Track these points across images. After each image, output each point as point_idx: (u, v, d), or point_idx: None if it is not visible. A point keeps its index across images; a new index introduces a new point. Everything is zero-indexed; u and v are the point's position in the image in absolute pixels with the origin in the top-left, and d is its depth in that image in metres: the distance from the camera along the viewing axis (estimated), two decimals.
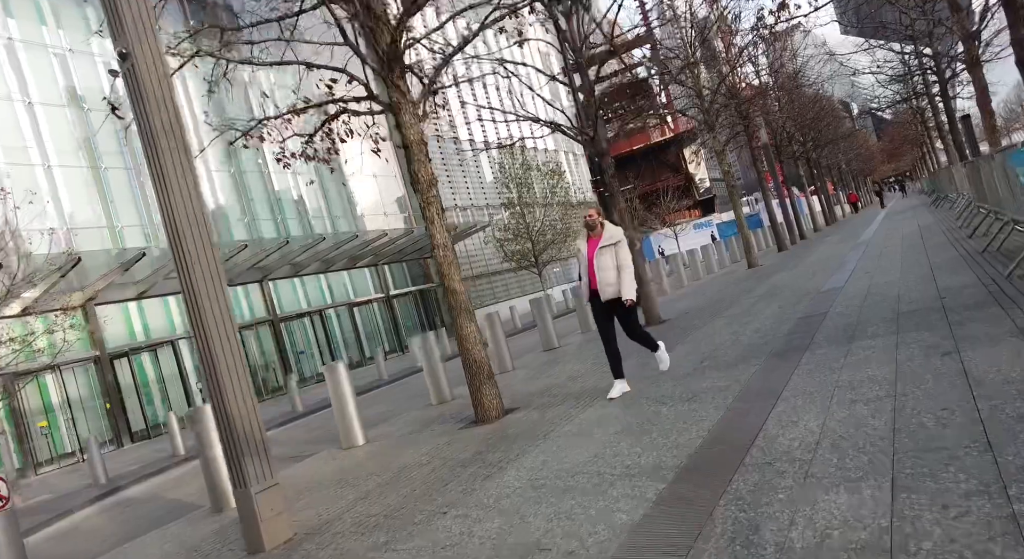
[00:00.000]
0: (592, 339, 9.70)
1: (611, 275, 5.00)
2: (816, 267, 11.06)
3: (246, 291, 22.95)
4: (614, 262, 5.01)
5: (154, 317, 19.95)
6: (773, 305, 7.80)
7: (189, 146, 3.73)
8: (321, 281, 25.89)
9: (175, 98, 3.66)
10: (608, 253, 5.04)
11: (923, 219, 15.44)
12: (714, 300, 10.38)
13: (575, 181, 45.77)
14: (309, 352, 24.47)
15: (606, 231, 5.16)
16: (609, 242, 5.06)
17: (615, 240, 5.07)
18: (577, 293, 5.93)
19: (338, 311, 26.25)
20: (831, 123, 31.51)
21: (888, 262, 8.85)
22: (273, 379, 22.46)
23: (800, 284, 9.20)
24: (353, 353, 26.25)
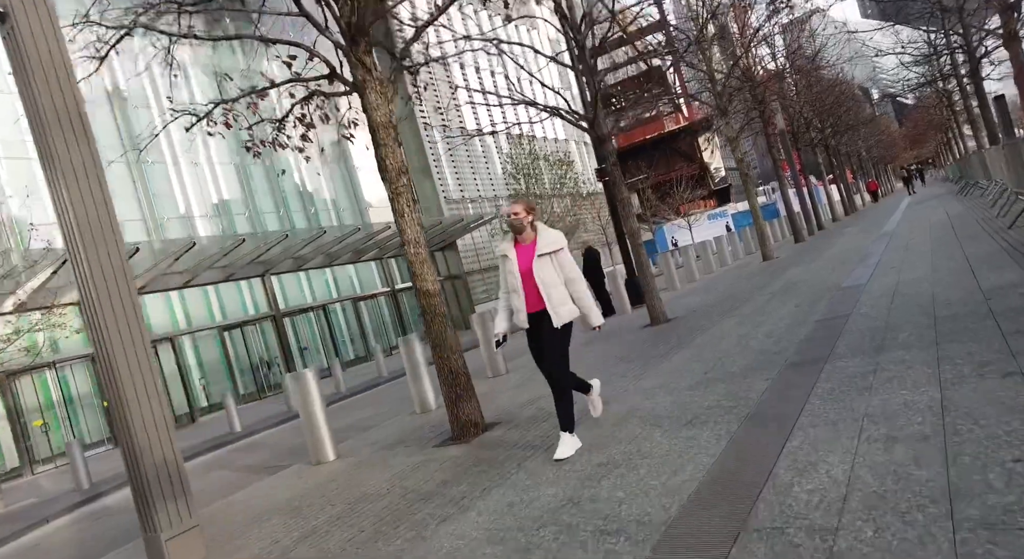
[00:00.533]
0: (593, 340, 9.06)
1: (561, 292, 3.82)
2: (836, 260, 10.28)
3: (249, 285, 22.61)
4: (560, 275, 3.85)
5: (154, 313, 19.64)
6: (788, 304, 7.08)
7: (88, 127, 3.14)
8: (326, 275, 25.48)
9: (70, 68, 3.06)
10: (549, 264, 3.84)
11: (951, 208, 14.50)
12: (725, 296, 9.66)
13: (584, 171, 44.90)
14: (313, 348, 24.12)
15: (541, 235, 3.90)
16: (549, 249, 3.84)
17: (556, 246, 3.87)
18: (495, 320, 4.16)
19: (343, 306, 25.84)
20: (851, 108, 30.29)
21: (917, 256, 8.07)
22: (276, 375, 22.12)
23: (818, 279, 8.45)
24: (358, 348, 25.85)
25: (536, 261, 3.84)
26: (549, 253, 3.85)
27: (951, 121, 36.41)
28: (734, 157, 15.11)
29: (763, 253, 14.91)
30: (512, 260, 3.94)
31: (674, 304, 10.76)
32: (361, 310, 26.38)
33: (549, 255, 3.84)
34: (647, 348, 6.88)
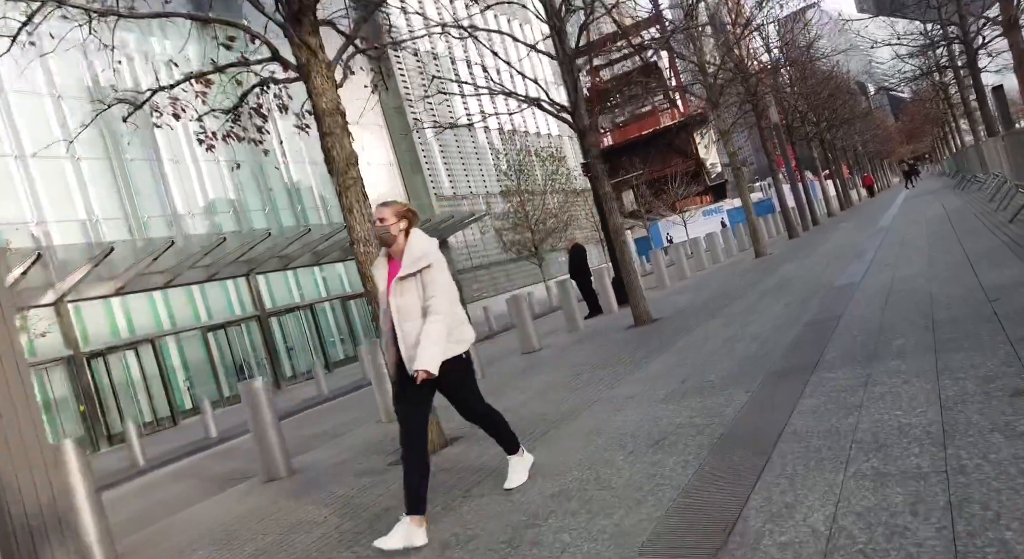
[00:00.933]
0: (577, 341, 8.66)
1: (414, 330, 2.85)
2: (830, 256, 9.88)
3: (235, 285, 22.13)
4: (420, 303, 2.88)
5: (136, 314, 19.17)
6: (778, 303, 6.67)
7: None
8: (313, 274, 25.01)
9: None
10: (412, 288, 2.89)
11: (948, 202, 14.11)
12: (714, 295, 9.25)
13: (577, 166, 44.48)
14: (300, 348, 23.66)
15: (409, 247, 2.94)
16: (413, 268, 2.89)
17: (422, 263, 2.89)
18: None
19: (331, 305, 25.39)
20: (846, 102, 29.89)
21: (913, 251, 7.66)
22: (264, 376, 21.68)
23: (811, 276, 8.04)
24: (347, 348, 25.41)
25: (395, 285, 2.89)
26: (414, 273, 2.88)
27: (947, 115, 36.02)
28: (726, 151, 14.69)
29: (756, 250, 14.51)
30: (380, 285, 3.02)
31: (662, 303, 10.35)
32: (350, 309, 25.92)
33: (414, 275, 2.88)
34: (626, 352, 6.47)
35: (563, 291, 10.26)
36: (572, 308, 10.20)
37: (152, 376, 18.59)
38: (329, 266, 25.73)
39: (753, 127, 20.35)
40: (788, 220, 17.80)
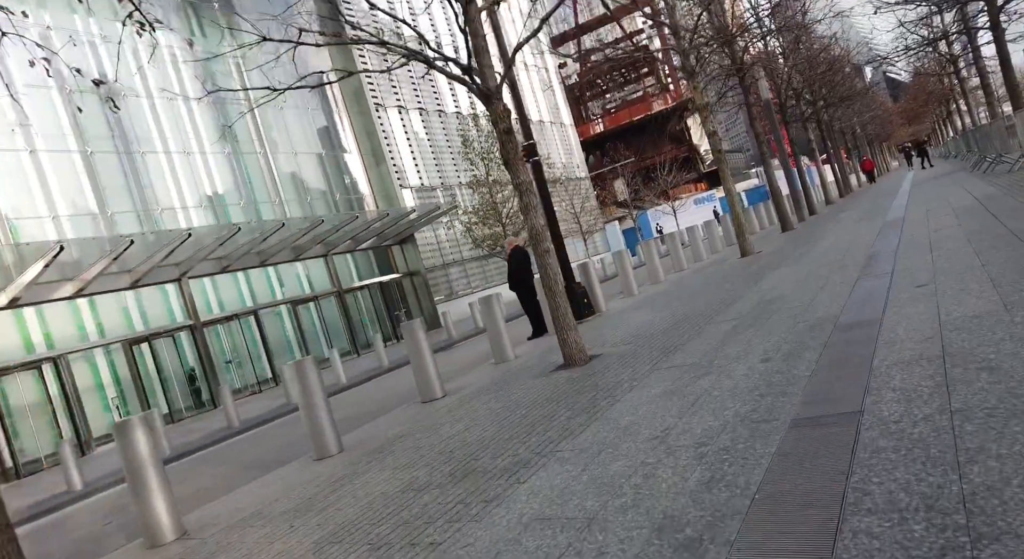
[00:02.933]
0: (493, 384, 6.34)
1: None
2: (829, 262, 7.54)
3: (162, 291, 19.75)
4: None
5: (35, 326, 16.80)
6: (753, 352, 4.33)
7: None
8: (250, 277, 22.56)
9: None
10: None
11: (974, 187, 11.74)
12: (675, 320, 6.89)
13: (560, 154, 41.92)
14: (242, 359, 21.30)
15: None
16: None
17: None
18: None
19: (276, 311, 23.00)
20: (846, 78, 27.40)
21: (956, 262, 5.32)
22: (199, 394, 19.36)
23: (804, 298, 5.71)
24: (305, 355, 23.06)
25: None
26: None
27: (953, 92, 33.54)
28: (705, 130, 12.30)
29: (741, 247, 12.17)
30: None
31: (613, 325, 8.02)
32: (299, 315, 23.53)
33: None
34: (539, 419, 4.14)
35: (487, 309, 7.90)
36: (498, 331, 7.85)
37: (56, 396, 16.23)
38: (275, 268, 23.30)
39: (741, 105, 17.93)
40: (781, 210, 15.43)
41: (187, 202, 21.52)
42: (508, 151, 6.02)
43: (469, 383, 6.94)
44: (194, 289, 20.34)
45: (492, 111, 5.99)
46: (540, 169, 9.85)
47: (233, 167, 23.64)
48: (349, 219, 22.18)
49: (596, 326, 8.57)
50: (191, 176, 21.89)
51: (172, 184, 21.32)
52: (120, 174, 20.10)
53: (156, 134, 21.18)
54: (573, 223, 34.69)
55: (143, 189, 20.52)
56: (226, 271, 21.51)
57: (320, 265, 25.01)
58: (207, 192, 22.49)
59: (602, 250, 43.72)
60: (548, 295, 6.06)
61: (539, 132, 40.99)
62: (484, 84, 5.97)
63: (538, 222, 6.03)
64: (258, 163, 24.49)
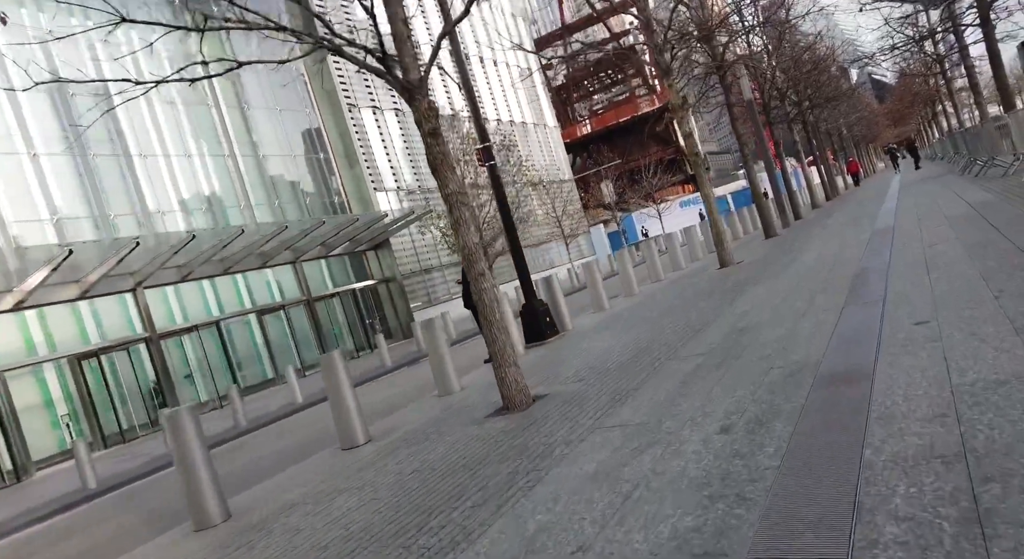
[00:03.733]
0: (427, 427, 5.43)
1: None
2: (814, 279, 6.69)
3: (120, 301, 18.62)
4: None
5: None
6: (711, 416, 3.42)
7: None
8: (214, 286, 21.45)
9: None
10: None
11: (966, 192, 10.98)
12: (634, 351, 5.99)
13: (542, 156, 41.04)
14: (203, 372, 20.18)
15: None
16: None
17: None
18: None
19: (243, 321, 21.90)
20: (830, 80, 26.75)
21: (959, 289, 4.46)
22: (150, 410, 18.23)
23: (782, 329, 4.83)
24: (272, 368, 21.96)
25: None
26: None
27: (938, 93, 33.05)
28: (681, 131, 11.46)
29: (720, 258, 11.33)
30: None
31: (571, 351, 7.12)
32: (266, 325, 22.44)
33: None
34: (418, 519, 3.19)
35: (429, 334, 6.96)
36: (441, 359, 6.91)
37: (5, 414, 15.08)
38: (241, 275, 22.21)
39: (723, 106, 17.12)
40: (764, 215, 14.63)
41: (149, 207, 20.35)
42: (435, 156, 5.10)
43: (400, 424, 6.01)
44: (152, 299, 19.23)
45: (415, 109, 5.07)
46: (496, 174, 8.95)
47: (198, 170, 22.53)
48: (315, 225, 21.14)
49: (555, 350, 7.67)
50: (151, 179, 20.73)
51: (132, 188, 20.17)
52: (75, 177, 18.97)
53: (114, 136, 20.02)
54: (555, 227, 33.85)
55: (100, 193, 19.38)
56: (187, 280, 20.41)
57: (289, 272, 23.95)
58: (172, 197, 21.34)
59: (587, 253, 42.92)
60: (484, 326, 5.14)
61: (521, 134, 40.12)
62: (405, 77, 5.04)
63: (470, 240, 5.10)
64: (225, 166, 23.39)
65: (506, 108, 39.31)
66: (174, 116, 22.02)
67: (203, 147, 22.74)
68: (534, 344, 8.65)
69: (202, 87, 21.95)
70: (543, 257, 37.03)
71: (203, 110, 23.00)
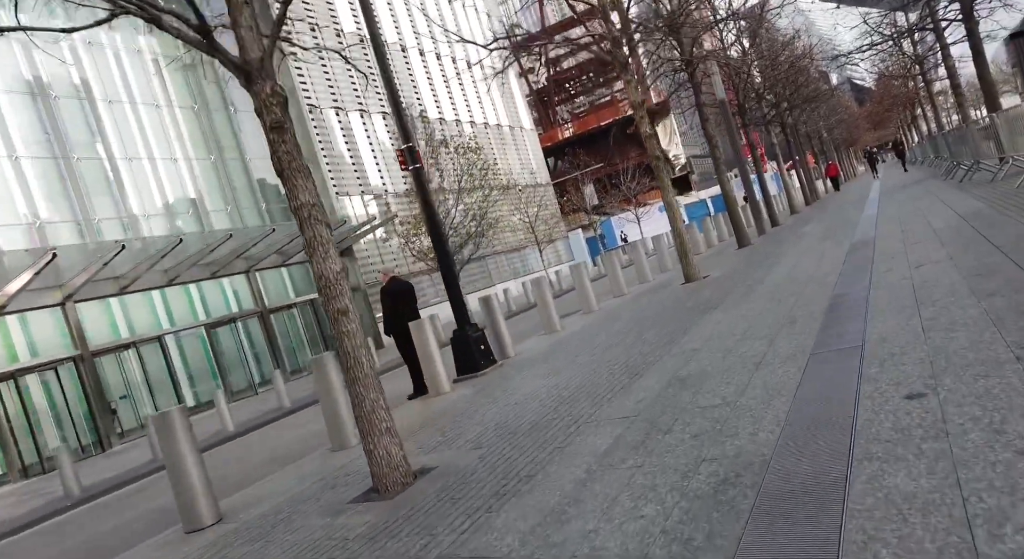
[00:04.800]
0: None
1: None
2: (778, 307, 5.57)
3: (51, 316, 17.09)
4: None
5: None
6: (608, 546, 2.26)
7: None
8: (157, 299, 19.97)
9: None
10: None
11: (952, 199, 9.97)
12: (557, 401, 4.79)
13: (518, 160, 39.91)
14: (140, 393, 18.67)
15: None
16: None
17: None
18: None
19: (191, 335, 20.43)
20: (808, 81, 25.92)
21: (962, 338, 3.34)
22: (78, 437, 16.73)
23: (726, 393, 3.68)
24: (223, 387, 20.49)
25: None
26: None
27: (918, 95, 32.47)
28: (641, 132, 10.36)
29: (685, 272, 10.22)
30: None
31: (490, 394, 5.92)
32: (215, 339, 20.99)
33: None
34: None
35: (320, 374, 5.73)
36: (333, 408, 5.68)
37: None
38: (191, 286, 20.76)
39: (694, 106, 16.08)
40: (736, 223, 13.58)
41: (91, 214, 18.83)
42: (280, 157, 3.88)
43: (261, 497, 4.76)
44: (85, 314, 17.72)
45: (254, 95, 3.85)
46: (421, 180, 7.74)
47: (148, 175, 21.04)
48: (265, 232, 19.76)
49: (481, 388, 6.47)
50: (87, 183, 19.21)
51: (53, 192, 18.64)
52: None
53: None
54: (527, 233, 32.71)
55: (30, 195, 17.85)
56: (125, 292, 18.93)
57: (243, 282, 22.51)
58: (117, 203, 19.81)
59: (565, 259, 41.84)
60: (349, 383, 3.92)
61: (496, 136, 38.97)
62: (243, 55, 3.83)
63: (328, 267, 3.88)
64: (177, 170, 21.91)
65: (480, 110, 38.16)
66: (81, 113, 20.51)
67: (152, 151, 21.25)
68: (466, 377, 7.44)
69: None
70: (516, 264, 35.87)
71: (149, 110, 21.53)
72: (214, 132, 23.59)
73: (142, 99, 21.20)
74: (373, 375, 3.94)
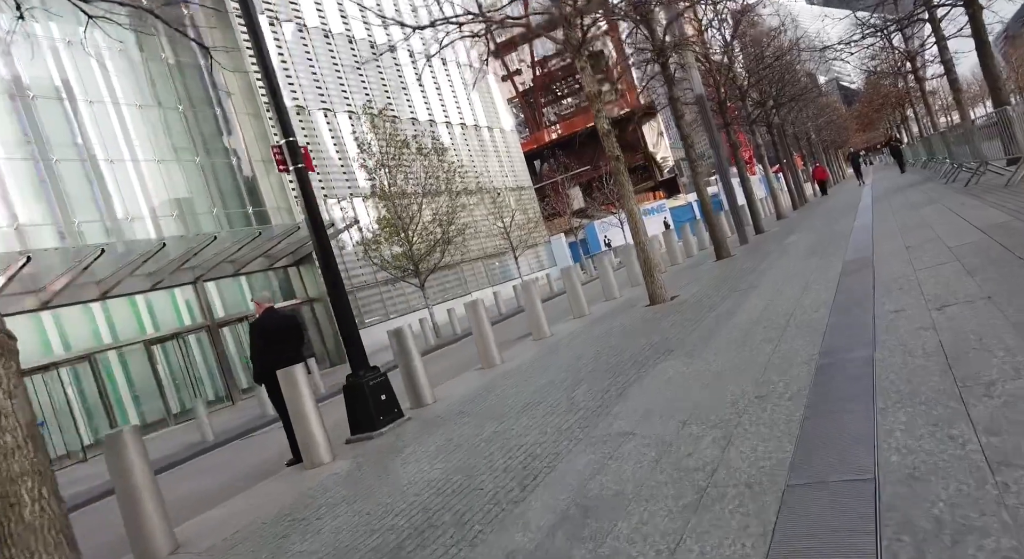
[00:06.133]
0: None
1: None
2: (749, 365, 4.01)
3: None
4: None
5: None
6: None
7: None
8: (90, 313, 18.20)
9: None
10: None
11: (963, 208, 8.49)
12: (407, 532, 3.22)
13: (493, 163, 38.30)
14: (63, 419, 16.88)
15: None
16: None
17: None
18: None
19: (129, 351, 18.65)
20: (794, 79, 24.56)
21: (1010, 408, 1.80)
22: None
23: (653, 545, 2.13)
24: (162, 408, 18.71)
25: None
26: None
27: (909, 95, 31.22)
28: (598, 127, 8.82)
29: (649, 292, 8.67)
30: None
31: (357, 482, 4.32)
32: (156, 357, 19.22)
33: None
34: None
35: (114, 460, 4.12)
36: (132, 496, 4.05)
37: None
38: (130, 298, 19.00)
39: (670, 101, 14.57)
40: (715, 236, 12.06)
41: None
42: None
43: None
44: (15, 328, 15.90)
45: None
46: (304, 181, 6.13)
47: (90, 176, 19.24)
48: (205, 240, 18.02)
49: (360, 464, 4.87)
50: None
51: None
52: None
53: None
54: (502, 239, 31.13)
55: None
56: (48, 307, 17.15)
57: (189, 294, 20.76)
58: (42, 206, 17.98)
59: (547, 264, 40.29)
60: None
61: (474, 137, 37.37)
62: None
63: None
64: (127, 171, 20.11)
65: (456, 111, 36.57)
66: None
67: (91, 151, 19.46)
68: (359, 437, 5.84)
69: None
70: (495, 271, 34.25)
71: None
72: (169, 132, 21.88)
73: (92, 96, 19.39)
74: (52, 522, 2.30)
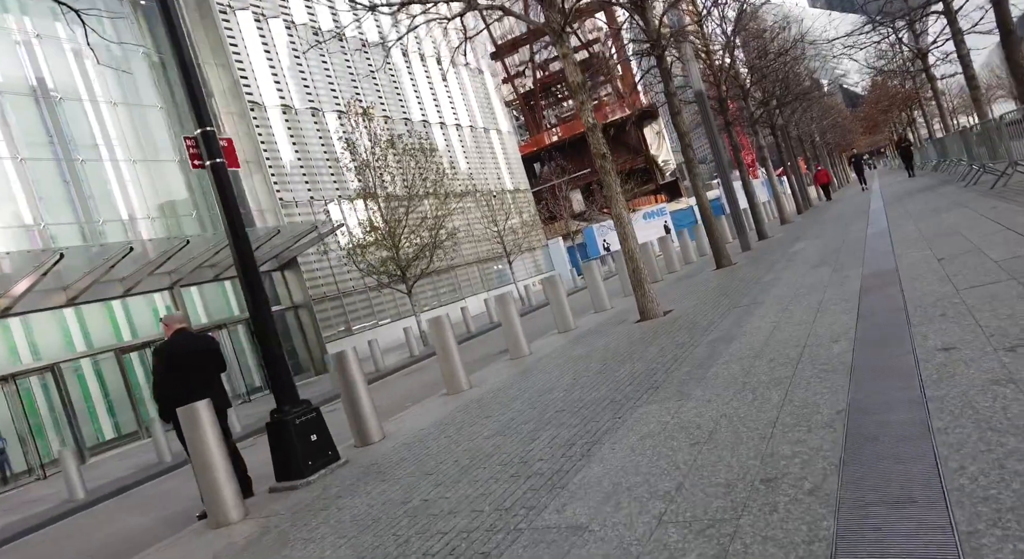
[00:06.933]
0: None
1: None
2: (755, 398, 3.04)
3: None
4: None
5: None
6: None
7: None
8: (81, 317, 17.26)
9: None
10: None
11: (999, 213, 7.49)
12: None
13: (489, 165, 37.36)
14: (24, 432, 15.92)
15: None
16: None
17: None
18: None
19: (98, 361, 17.72)
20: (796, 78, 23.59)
21: None
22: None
23: None
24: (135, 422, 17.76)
25: None
26: None
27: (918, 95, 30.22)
28: (583, 121, 7.86)
29: (640, 306, 7.70)
30: None
31: (274, 543, 3.35)
32: (129, 367, 18.27)
33: None
34: None
35: None
36: None
37: None
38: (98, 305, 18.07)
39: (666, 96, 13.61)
40: (715, 244, 11.07)
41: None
42: None
43: None
44: None
45: None
46: (222, 178, 5.16)
47: (65, 176, 18.34)
48: (179, 245, 17.09)
49: (275, 524, 3.91)
50: None
51: None
52: None
53: None
54: (495, 243, 30.17)
55: None
56: (8, 315, 16.23)
57: (166, 300, 19.83)
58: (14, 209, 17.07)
59: (545, 269, 39.33)
60: None
61: (469, 138, 36.47)
62: None
63: None
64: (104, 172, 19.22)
65: (451, 112, 35.67)
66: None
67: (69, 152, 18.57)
68: (284, 486, 4.88)
69: None
70: (491, 276, 33.27)
71: None
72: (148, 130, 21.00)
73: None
74: None
